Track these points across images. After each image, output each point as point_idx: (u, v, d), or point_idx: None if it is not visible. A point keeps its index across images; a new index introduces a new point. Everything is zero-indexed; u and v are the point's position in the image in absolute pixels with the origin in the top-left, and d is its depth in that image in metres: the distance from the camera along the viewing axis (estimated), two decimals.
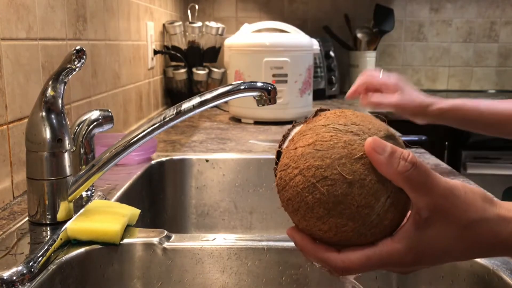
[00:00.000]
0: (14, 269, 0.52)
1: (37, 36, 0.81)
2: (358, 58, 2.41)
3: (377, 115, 0.48)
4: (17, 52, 0.75)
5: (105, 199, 0.78)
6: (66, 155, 0.63)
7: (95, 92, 1.10)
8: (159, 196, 1.07)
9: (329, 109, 0.47)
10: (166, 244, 0.65)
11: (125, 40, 1.32)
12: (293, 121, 0.48)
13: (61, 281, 0.58)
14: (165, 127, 0.64)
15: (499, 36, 2.54)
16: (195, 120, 1.64)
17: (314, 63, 2.04)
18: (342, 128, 0.43)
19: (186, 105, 0.64)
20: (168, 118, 0.63)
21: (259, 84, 0.67)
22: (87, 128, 0.73)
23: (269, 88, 0.67)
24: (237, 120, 1.63)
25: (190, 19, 2.11)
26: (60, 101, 0.62)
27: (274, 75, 1.52)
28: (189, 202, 1.10)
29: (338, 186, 0.41)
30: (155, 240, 0.65)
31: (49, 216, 0.63)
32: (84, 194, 0.76)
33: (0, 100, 0.70)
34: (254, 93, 0.67)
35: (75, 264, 0.60)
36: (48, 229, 0.62)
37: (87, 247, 0.62)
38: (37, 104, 0.61)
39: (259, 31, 1.65)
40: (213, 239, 0.67)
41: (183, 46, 1.90)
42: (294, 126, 0.47)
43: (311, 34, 1.72)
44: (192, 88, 1.87)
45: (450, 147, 1.98)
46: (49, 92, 0.61)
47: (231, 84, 0.65)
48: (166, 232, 0.67)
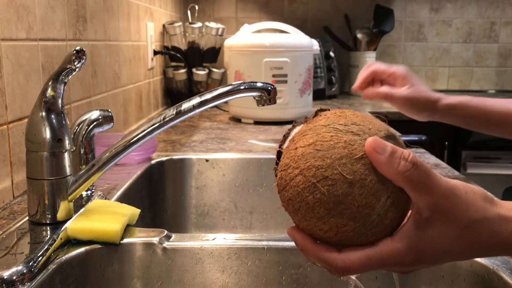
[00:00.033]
0: (14, 269, 0.52)
1: (37, 36, 0.81)
2: (358, 58, 2.41)
3: (377, 115, 0.48)
4: (17, 53, 0.75)
5: (105, 198, 0.78)
6: (66, 155, 0.63)
7: (95, 92, 1.10)
8: (159, 196, 1.07)
9: (329, 109, 0.47)
10: (166, 244, 0.65)
11: (125, 41, 1.32)
12: (293, 121, 0.48)
13: (61, 280, 0.58)
14: (165, 127, 0.64)
15: (499, 36, 2.54)
16: (195, 120, 1.64)
17: (314, 64, 2.04)
18: (342, 128, 0.43)
19: (186, 105, 0.64)
20: (168, 118, 0.63)
21: (259, 84, 0.67)
22: (87, 128, 0.73)
23: (269, 88, 0.67)
24: (237, 120, 1.63)
25: (190, 20, 2.11)
26: (60, 101, 0.62)
27: (274, 76, 1.52)
28: (189, 202, 1.10)
29: (338, 186, 0.41)
30: (155, 239, 0.65)
31: (49, 216, 0.63)
32: (84, 193, 0.76)
33: (0, 100, 0.70)
34: (254, 93, 0.67)
35: (75, 264, 0.60)
36: (48, 228, 0.62)
37: (87, 247, 0.62)
38: (37, 104, 0.61)
39: (259, 31, 1.65)
40: (213, 239, 0.67)
41: (183, 46, 1.90)
42: (294, 126, 0.47)
43: (311, 35, 1.72)
44: (192, 88, 1.87)
45: (450, 147, 1.98)
46: (49, 92, 0.61)
47: (231, 84, 0.65)
48: (166, 232, 0.67)
